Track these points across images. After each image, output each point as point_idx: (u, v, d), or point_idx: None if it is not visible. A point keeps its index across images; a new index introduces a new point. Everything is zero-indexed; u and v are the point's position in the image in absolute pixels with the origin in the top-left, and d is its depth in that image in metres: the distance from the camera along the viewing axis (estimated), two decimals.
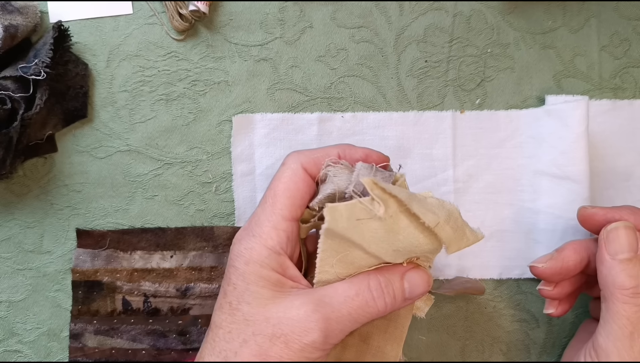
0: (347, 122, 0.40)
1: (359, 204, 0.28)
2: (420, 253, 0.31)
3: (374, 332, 0.35)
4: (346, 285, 0.30)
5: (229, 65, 0.40)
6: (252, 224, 0.31)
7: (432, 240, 0.29)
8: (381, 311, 0.30)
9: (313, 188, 0.32)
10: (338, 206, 0.28)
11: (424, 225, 0.28)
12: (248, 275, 0.30)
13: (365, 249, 0.30)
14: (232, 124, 0.40)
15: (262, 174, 0.40)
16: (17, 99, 0.35)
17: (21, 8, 0.37)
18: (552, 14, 0.40)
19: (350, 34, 0.40)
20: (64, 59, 0.39)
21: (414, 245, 0.29)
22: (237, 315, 0.30)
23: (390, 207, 0.28)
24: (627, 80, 0.41)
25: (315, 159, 0.32)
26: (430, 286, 0.32)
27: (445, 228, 0.29)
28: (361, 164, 0.31)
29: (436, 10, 0.40)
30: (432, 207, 0.29)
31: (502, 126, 0.41)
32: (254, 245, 0.30)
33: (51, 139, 0.39)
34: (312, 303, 0.29)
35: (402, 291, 0.31)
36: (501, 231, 0.41)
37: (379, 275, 0.31)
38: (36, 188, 0.40)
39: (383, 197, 0.28)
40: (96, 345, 0.40)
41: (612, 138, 0.41)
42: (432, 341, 0.41)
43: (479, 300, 0.41)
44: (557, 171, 0.39)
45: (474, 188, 0.41)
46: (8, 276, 0.40)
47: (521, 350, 0.41)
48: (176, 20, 0.39)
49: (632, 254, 0.32)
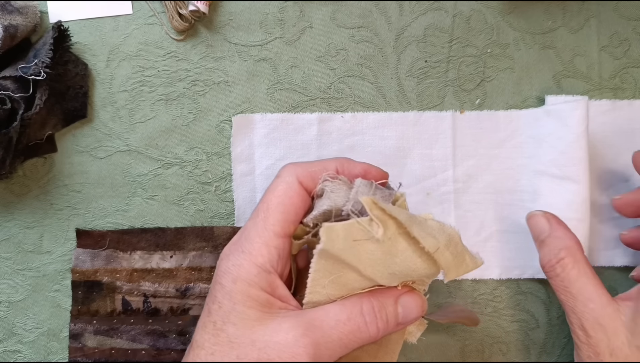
0: (347, 123, 0.40)
1: (357, 225, 0.27)
2: (416, 277, 0.30)
3: (363, 356, 0.33)
4: (338, 308, 0.29)
5: (228, 65, 0.40)
6: (242, 239, 0.30)
7: (430, 265, 0.28)
8: (373, 337, 0.29)
9: (308, 203, 0.31)
10: (335, 226, 0.27)
11: (424, 250, 0.27)
12: (235, 294, 0.28)
13: (361, 271, 0.28)
14: (232, 124, 0.40)
15: (261, 175, 0.40)
16: (17, 99, 0.35)
17: (21, 8, 0.37)
18: (551, 14, 0.40)
19: (350, 34, 0.40)
20: (63, 59, 0.39)
21: (411, 269, 0.28)
22: (221, 336, 0.28)
23: (389, 229, 0.27)
24: (626, 80, 0.41)
25: (312, 173, 0.31)
26: (425, 311, 0.31)
27: (445, 254, 0.28)
28: (360, 181, 0.30)
29: (436, 10, 0.40)
30: (433, 231, 0.28)
31: (502, 126, 0.41)
32: (243, 262, 0.29)
33: (51, 139, 0.39)
34: (301, 327, 0.28)
35: (395, 316, 0.30)
36: (501, 231, 0.41)
37: (372, 299, 0.29)
38: (36, 188, 0.40)
39: (382, 218, 0.27)
40: (96, 345, 0.40)
41: (612, 138, 0.41)
42: (432, 341, 0.41)
43: (478, 300, 0.41)
44: (556, 171, 0.39)
45: (473, 188, 0.41)
46: (8, 276, 0.40)
47: (521, 350, 0.41)
48: (176, 20, 0.39)
49: None
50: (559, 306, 0.41)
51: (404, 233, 0.27)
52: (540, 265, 0.36)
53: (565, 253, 0.34)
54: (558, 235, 0.35)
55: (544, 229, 0.35)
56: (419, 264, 0.28)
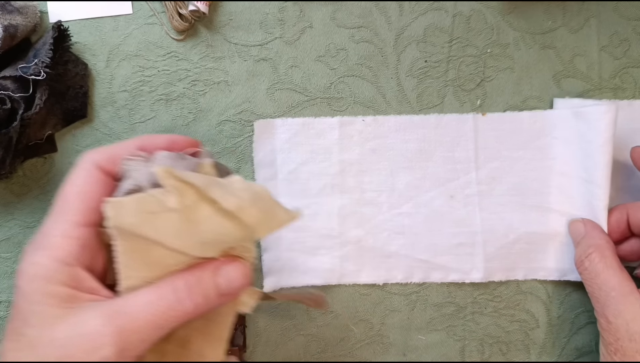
0: (368, 126, 0.40)
1: (149, 197, 0.26)
2: (232, 242, 0.29)
3: (192, 334, 0.31)
4: (149, 290, 0.27)
5: (228, 65, 0.40)
6: (39, 235, 0.27)
7: (238, 226, 0.27)
8: (191, 313, 0.27)
9: (112, 188, 0.29)
10: (121, 200, 0.26)
11: (226, 211, 0.26)
12: (32, 295, 0.26)
13: (167, 245, 0.27)
14: (254, 129, 0.40)
15: (284, 180, 0.40)
16: (17, 99, 0.35)
17: (21, 8, 0.37)
18: (551, 14, 0.40)
19: (350, 34, 0.40)
20: (63, 59, 0.39)
21: (221, 234, 0.27)
22: (22, 341, 0.26)
23: (187, 196, 0.26)
24: (626, 80, 0.41)
25: (112, 156, 0.29)
26: (250, 278, 0.29)
27: (250, 211, 0.26)
28: (162, 154, 0.28)
29: (436, 10, 0.40)
30: (236, 191, 0.27)
31: (526, 127, 0.40)
32: (39, 258, 0.26)
33: (51, 139, 0.39)
34: (104, 316, 0.26)
35: (215, 288, 0.28)
36: (528, 233, 0.40)
37: (187, 274, 0.28)
38: (36, 188, 0.40)
39: (178, 186, 0.26)
40: None
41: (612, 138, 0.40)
42: (432, 341, 0.41)
43: (478, 300, 0.41)
44: (583, 174, 0.38)
45: (497, 190, 0.40)
46: (8, 276, 0.40)
47: (521, 350, 0.41)
48: (176, 20, 0.39)
49: None
50: (559, 306, 0.41)
51: (205, 198, 0.26)
52: (575, 265, 0.38)
53: (594, 249, 0.37)
54: (591, 235, 0.38)
55: (580, 232, 0.38)
56: (228, 227, 0.27)
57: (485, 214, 0.40)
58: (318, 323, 0.41)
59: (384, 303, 0.41)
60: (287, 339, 0.41)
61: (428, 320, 0.41)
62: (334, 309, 0.41)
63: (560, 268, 0.40)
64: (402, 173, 0.40)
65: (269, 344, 0.41)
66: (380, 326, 0.41)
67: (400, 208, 0.40)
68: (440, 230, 0.41)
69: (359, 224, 0.40)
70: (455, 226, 0.41)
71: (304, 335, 0.41)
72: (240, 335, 0.40)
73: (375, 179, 0.40)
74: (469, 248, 0.40)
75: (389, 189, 0.40)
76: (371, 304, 0.41)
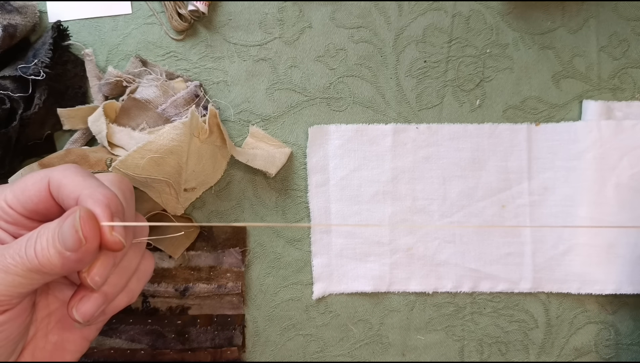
0: (422, 134, 0.40)
1: (203, 125, 0.36)
2: (203, 179, 0.38)
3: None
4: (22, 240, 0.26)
5: (228, 65, 0.40)
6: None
7: (219, 166, 0.39)
8: (35, 264, 0.25)
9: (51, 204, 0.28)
10: (195, 114, 0.35)
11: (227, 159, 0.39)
12: None
13: (181, 160, 0.35)
14: (308, 134, 0.40)
15: (336, 185, 0.40)
16: (16, 99, 0.35)
17: (20, 8, 0.37)
18: (551, 15, 0.41)
19: (349, 34, 0.40)
20: (63, 58, 0.39)
21: (205, 174, 0.37)
22: None
23: (208, 136, 0.37)
24: (625, 80, 0.41)
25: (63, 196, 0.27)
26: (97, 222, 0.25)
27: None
28: (194, 84, 0.39)
29: (435, 10, 0.40)
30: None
31: (581, 137, 0.40)
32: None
33: (50, 139, 0.39)
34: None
35: (54, 237, 0.25)
36: (580, 244, 0.40)
37: (44, 227, 0.26)
38: None
39: (211, 127, 0.37)
40: (95, 345, 0.39)
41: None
42: (431, 341, 0.41)
43: (478, 300, 0.41)
44: (638, 185, 0.38)
45: (550, 200, 0.40)
46: None
47: (520, 350, 0.41)
48: (175, 20, 0.39)
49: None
50: (558, 306, 0.41)
51: (217, 144, 0.38)
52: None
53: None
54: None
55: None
56: (221, 164, 0.39)
57: (536, 224, 0.40)
58: (317, 323, 0.41)
59: (383, 303, 0.41)
60: (287, 339, 0.41)
61: (427, 320, 0.41)
62: (333, 309, 0.41)
63: (616, 280, 0.40)
64: (454, 182, 0.40)
65: (268, 344, 0.41)
66: (379, 326, 0.41)
67: (452, 217, 0.40)
68: (490, 239, 0.40)
69: (410, 232, 0.40)
70: (505, 236, 0.40)
71: (303, 335, 0.41)
72: (239, 335, 0.40)
73: (428, 188, 0.40)
74: (517, 258, 0.40)
75: (440, 198, 0.40)
76: (370, 304, 0.41)
